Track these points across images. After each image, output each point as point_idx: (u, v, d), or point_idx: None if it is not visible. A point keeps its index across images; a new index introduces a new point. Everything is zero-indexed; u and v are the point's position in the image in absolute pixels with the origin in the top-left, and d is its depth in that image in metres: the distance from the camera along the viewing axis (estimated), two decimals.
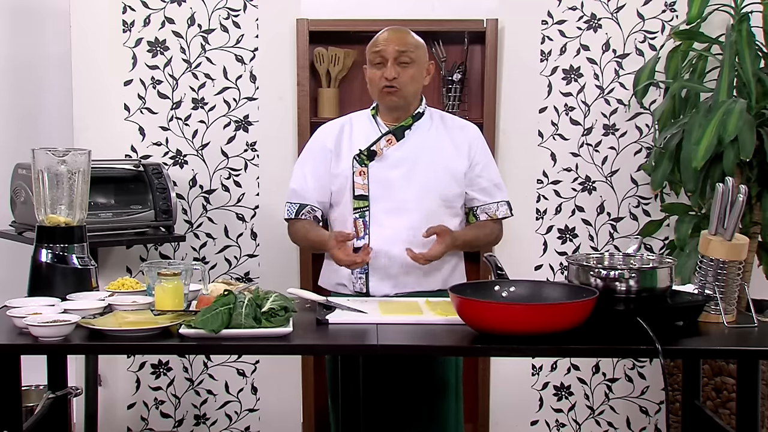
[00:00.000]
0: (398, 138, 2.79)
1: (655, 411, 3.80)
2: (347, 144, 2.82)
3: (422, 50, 2.81)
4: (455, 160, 2.81)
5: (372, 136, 2.80)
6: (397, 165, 2.76)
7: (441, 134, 2.84)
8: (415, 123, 2.81)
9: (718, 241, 2.37)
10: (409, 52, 2.74)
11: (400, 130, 2.79)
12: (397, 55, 2.73)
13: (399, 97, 2.76)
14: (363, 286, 2.75)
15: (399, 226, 2.73)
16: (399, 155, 2.77)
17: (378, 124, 2.83)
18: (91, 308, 2.33)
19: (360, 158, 2.77)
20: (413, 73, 2.76)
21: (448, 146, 2.82)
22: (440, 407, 2.74)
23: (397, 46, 2.74)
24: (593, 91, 3.69)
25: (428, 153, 2.78)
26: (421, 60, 2.79)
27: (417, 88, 2.80)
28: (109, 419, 3.73)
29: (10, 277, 3.44)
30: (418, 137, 2.80)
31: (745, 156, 3.07)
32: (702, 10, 3.35)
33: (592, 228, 3.75)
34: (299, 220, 2.84)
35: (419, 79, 2.79)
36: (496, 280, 2.46)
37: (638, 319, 2.16)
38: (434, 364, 2.73)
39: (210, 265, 3.73)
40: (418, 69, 2.77)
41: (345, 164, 2.79)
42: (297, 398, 3.76)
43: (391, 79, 2.73)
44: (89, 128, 3.66)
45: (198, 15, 3.66)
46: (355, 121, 2.89)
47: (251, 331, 2.18)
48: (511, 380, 3.78)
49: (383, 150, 2.77)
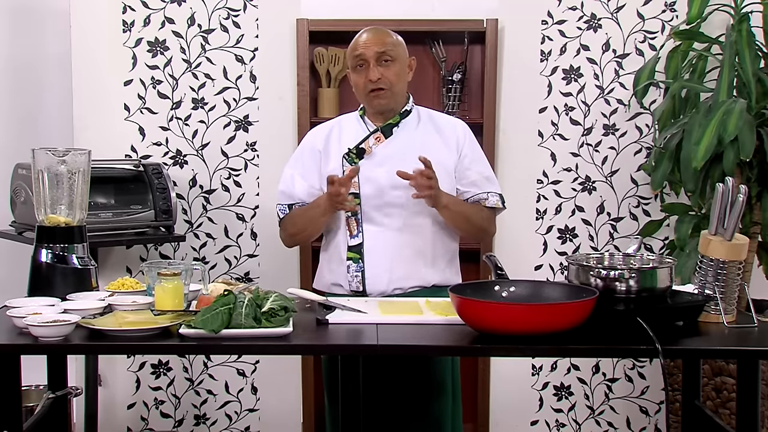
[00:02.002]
0: (386, 135, 2.80)
1: (655, 411, 3.80)
2: (336, 144, 2.84)
3: (401, 47, 2.81)
4: (444, 155, 2.81)
5: (360, 135, 2.82)
6: (386, 162, 2.77)
7: (429, 130, 2.85)
8: (402, 120, 2.82)
9: (718, 241, 2.37)
10: (388, 51, 2.75)
11: (388, 127, 2.81)
12: (377, 56, 2.74)
13: (387, 97, 2.77)
14: (359, 284, 2.76)
15: (391, 223, 2.73)
16: (388, 152, 2.79)
17: (366, 123, 2.85)
18: (91, 308, 2.33)
19: (349, 156, 2.79)
20: (397, 70, 2.77)
21: (437, 142, 2.83)
22: (437, 408, 2.73)
23: (376, 47, 2.75)
24: (593, 91, 3.69)
25: (417, 149, 2.78)
26: (402, 57, 2.80)
27: (403, 85, 2.81)
28: (109, 419, 3.73)
29: (10, 277, 3.44)
30: (407, 134, 2.82)
31: (745, 156, 3.07)
32: (702, 10, 3.35)
33: (592, 228, 3.75)
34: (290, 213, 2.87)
35: (403, 75, 2.80)
36: (496, 280, 2.46)
37: (638, 319, 2.16)
38: (430, 364, 2.73)
39: (210, 265, 3.73)
40: (401, 66, 2.79)
41: (334, 163, 2.81)
42: (297, 398, 3.76)
43: (376, 80, 2.74)
44: (89, 128, 3.66)
45: (198, 15, 3.66)
46: (344, 122, 2.91)
47: (251, 331, 2.18)
48: (511, 380, 3.78)
49: (372, 148, 2.79)
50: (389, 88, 2.75)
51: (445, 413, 2.75)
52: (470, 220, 2.80)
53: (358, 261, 2.75)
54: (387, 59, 2.75)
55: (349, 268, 2.76)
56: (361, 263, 2.74)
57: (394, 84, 2.76)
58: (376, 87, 2.75)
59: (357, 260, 2.76)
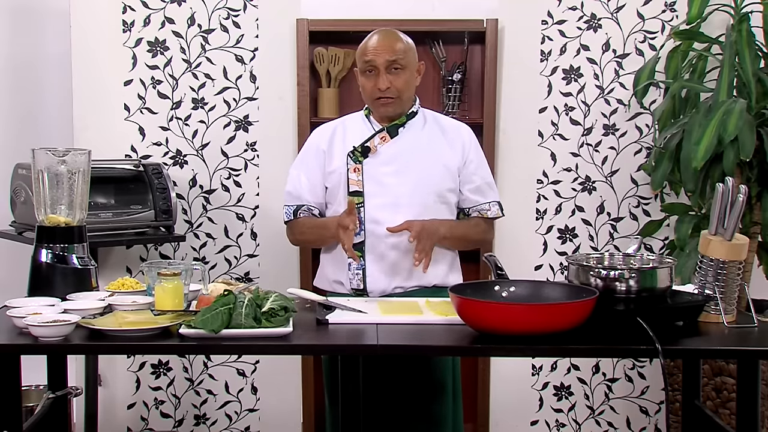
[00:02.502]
0: (392, 135, 2.80)
1: (655, 411, 3.80)
2: (340, 143, 2.84)
3: (412, 52, 2.80)
4: (449, 156, 2.82)
5: (366, 134, 2.82)
6: (390, 161, 2.78)
7: (434, 132, 2.85)
8: (408, 121, 2.82)
9: (718, 241, 2.37)
10: (399, 59, 2.74)
11: (393, 127, 2.81)
12: (388, 64, 2.74)
13: (395, 105, 2.78)
14: (360, 282, 2.76)
15: (394, 221, 2.73)
16: (393, 152, 2.79)
17: (372, 123, 2.85)
18: (91, 308, 2.33)
19: (354, 155, 2.78)
20: (406, 78, 2.76)
21: (442, 143, 2.84)
22: (437, 408, 2.73)
23: (387, 54, 2.73)
24: (593, 91, 3.69)
25: (422, 149, 2.79)
26: (412, 63, 2.79)
27: (411, 91, 2.81)
28: (109, 419, 3.73)
29: (10, 277, 3.44)
30: (412, 134, 2.82)
31: (745, 156, 3.07)
32: (702, 10, 3.35)
33: (592, 228, 3.75)
34: (299, 219, 2.86)
35: (412, 82, 2.80)
36: (496, 280, 2.46)
37: (638, 319, 2.16)
38: (430, 364, 2.73)
39: (210, 265, 3.73)
40: (411, 73, 2.78)
41: (339, 162, 2.80)
42: (297, 398, 3.76)
43: (385, 89, 2.74)
44: (89, 128, 3.66)
45: (198, 15, 3.66)
46: (348, 122, 2.91)
47: (251, 331, 2.18)
48: (511, 380, 3.78)
49: (377, 147, 2.79)
50: (398, 96, 2.76)
51: (445, 414, 2.75)
52: (469, 239, 2.86)
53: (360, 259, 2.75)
54: (397, 67, 2.74)
55: (350, 266, 2.76)
56: (362, 261, 2.74)
57: (402, 92, 2.76)
58: (384, 95, 2.75)
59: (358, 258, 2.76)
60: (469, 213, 2.87)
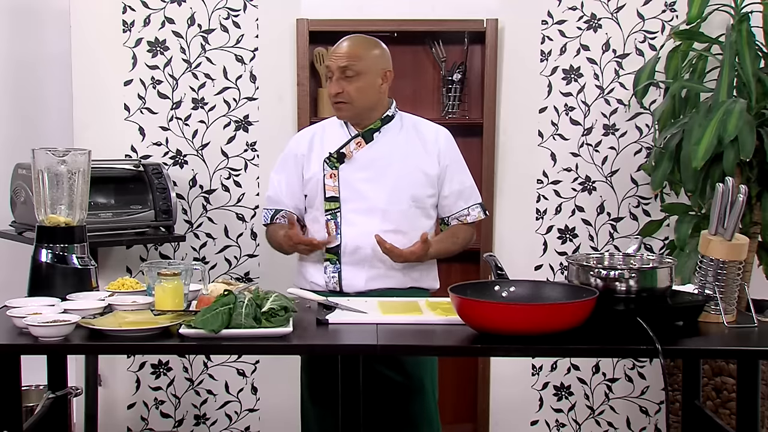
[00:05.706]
0: (367, 141, 2.83)
1: (655, 411, 3.80)
2: (318, 148, 2.87)
3: (371, 59, 2.78)
4: (425, 162, 2.84)
5: (342, 139, 2.84)
6: (366, 167, 2.80)
7: (411, 137, 2.87)
8: (384, 126, 2.84)
9: (718, 241, 2.37)
10: (352, 66, 2.75)
11: (368, 132, 2.83)
12: (341, 70, 2.75)
13: (347, 110, 2.80)
14: (336, 284, 2.80)
15: (370, 224, 2.76)
16: (368, 157, 2.81)
17: (348, 128, 2.87)
18: (91, 308, 2.33)
19: (330, 161, 2.81)
20: (360, 86, 2.76)
21: (418, 148, 2.86)
22: (414, 408, 2.74)
23: (341, 60, 2.76)
24: (593, 91, 3.69)
25: (398, 155, 2.81)
26: (370, 69, 2.77)
27: (369, 99, 2.80)
28: (109, 419, 3.73)
29: (10, 277, 3.44)
30: (388, 140, 2.84)
31: (745, 156, 3.07)
32: (702, 10, 3.35)
33: (592, 228, 3.75)
34: (273, 224, 2.93)
35: (369, 90, 2.78)
36: (496, 280, 2.46)
37: (638, 319, 2.16)
38: (407, 364, 2.73)
39: (210, 265, 3.73)
40: (366, 80, 2.77)
41: (316, 168, 2.84)
42: (297, 398, 3.75)
43: (335, 94, 2.76)
44: (89, 128, 3.66)
45: (198, 15, 3.66)
46: (327, 126, 2.93)
47: (251, 331, 2.18)
48: (511, 380, 3.78)
49: (353, 153, 2.81)
50: (349, 102, 2.77)
51: (422, 413, 2.76)
52: (452, 250, 2.90)
53: (335, 262, 2.80)
54: (350, 75, 2.75)
55: (326, 269, 2.82)
56: (338, 264, 2.79)
57: (354, 99, 2.77)
58: (336, 100, 2.78)
59: (334, 261, 2.81)
60: (448, 221, 2.91)
